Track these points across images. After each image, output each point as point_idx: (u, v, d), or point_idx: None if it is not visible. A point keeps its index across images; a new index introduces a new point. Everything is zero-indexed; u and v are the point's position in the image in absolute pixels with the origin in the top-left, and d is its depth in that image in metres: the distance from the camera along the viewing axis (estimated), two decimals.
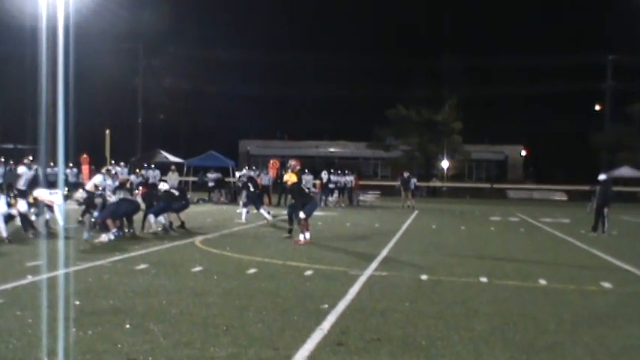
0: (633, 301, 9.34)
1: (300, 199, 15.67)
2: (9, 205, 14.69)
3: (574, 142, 63.91)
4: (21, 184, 24.32)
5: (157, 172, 32.25)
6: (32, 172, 25.65)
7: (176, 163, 36.60)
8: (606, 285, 10.37)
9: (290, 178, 16.08)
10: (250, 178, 22.15)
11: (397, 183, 35.98)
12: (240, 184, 26.01)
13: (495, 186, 55.66)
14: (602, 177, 21.54)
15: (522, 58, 58.82)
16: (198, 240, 15.39)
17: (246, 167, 32.42)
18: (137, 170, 32.58)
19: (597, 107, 64.30)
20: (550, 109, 64.72)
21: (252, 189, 21.16)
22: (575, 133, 62.61)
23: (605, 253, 14.65)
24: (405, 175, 34.66)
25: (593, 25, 65.52)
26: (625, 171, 52.68)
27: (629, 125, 58.74)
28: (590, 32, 64.56)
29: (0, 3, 37.95)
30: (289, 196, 20.17)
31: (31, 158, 28.06)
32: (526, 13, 72.25)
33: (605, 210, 20.26)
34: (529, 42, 68.91)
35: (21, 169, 25.88)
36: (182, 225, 17.68)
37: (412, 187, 34.39)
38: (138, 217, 16.46)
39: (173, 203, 17.26)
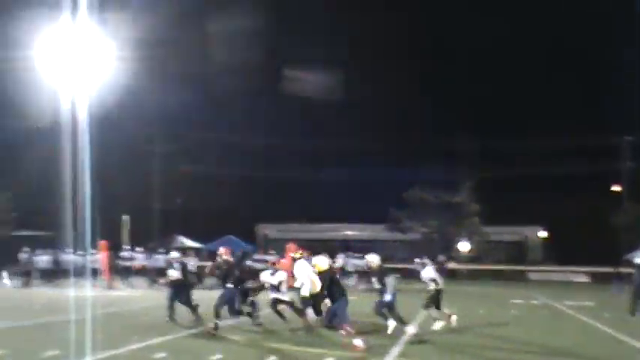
0: None
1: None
2: None
3: (594, 222, 63.50)
4: None
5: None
6: None
7: (194, 248, 36.53)
8: None
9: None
10: None
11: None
12: None
13: (515, 268, 54.87)
14: (638, 260, 20.41)
15: (540, 139, 59.18)
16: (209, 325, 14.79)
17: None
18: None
19: (616, 188, 64.13)
20: (569, 190, 64.56)
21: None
22: (594, 213, 62.34)
23: None
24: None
25: (611, 106, 66.30)
26: None
27: None
28: (606, 113, 65.17)
29: (23, 97, 38.87)
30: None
31: None
32: (542, 93, 72.46)
33: None
34: (547, 123, 69.31)
35: None
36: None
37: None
38: None
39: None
